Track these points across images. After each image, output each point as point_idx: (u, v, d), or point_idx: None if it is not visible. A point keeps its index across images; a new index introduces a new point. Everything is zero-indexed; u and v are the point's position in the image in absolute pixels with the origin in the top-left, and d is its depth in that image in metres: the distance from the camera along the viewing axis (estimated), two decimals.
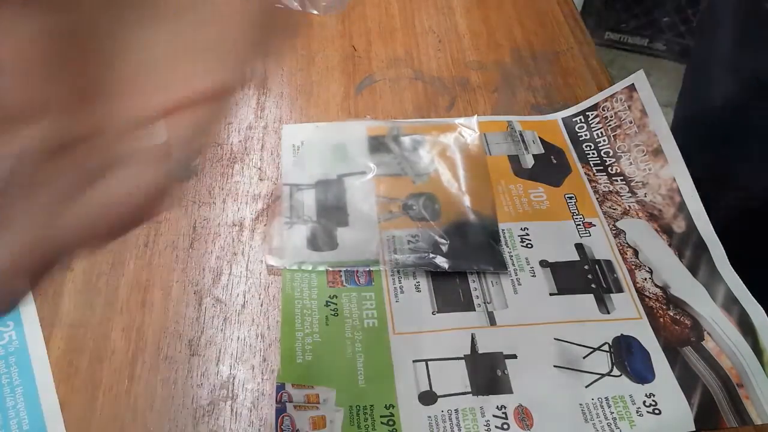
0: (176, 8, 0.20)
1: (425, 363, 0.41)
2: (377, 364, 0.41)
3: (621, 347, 0.43)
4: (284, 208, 0.49)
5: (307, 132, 0.54)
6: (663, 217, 0.49)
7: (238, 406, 0.39)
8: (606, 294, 0.45)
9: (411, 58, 0.63)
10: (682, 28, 1.92)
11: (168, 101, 0.19)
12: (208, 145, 0.52)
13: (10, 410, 0.38)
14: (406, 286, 0.45)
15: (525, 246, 0.48)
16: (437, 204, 0.50)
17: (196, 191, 0.50)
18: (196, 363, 0.41)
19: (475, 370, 0.41)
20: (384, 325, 0.43)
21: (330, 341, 0.42)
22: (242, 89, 0.21)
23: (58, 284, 0.44)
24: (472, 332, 0.43)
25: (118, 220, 0.20)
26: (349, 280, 0.45)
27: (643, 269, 0.47)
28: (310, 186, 0.51)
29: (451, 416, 0.39)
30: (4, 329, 0.41)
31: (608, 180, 0.52)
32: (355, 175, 0.51)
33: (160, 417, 0.39)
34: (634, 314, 0.44)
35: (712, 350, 0.43)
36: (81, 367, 0.40)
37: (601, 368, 0.42)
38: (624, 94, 0.55)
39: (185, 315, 0.43)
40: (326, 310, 0.44)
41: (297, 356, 0.41)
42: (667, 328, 0.44)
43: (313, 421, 0.39)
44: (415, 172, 0.52)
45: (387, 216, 0.49)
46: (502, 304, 0.45)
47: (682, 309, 0.45)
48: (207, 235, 0.47)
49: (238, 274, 0.45)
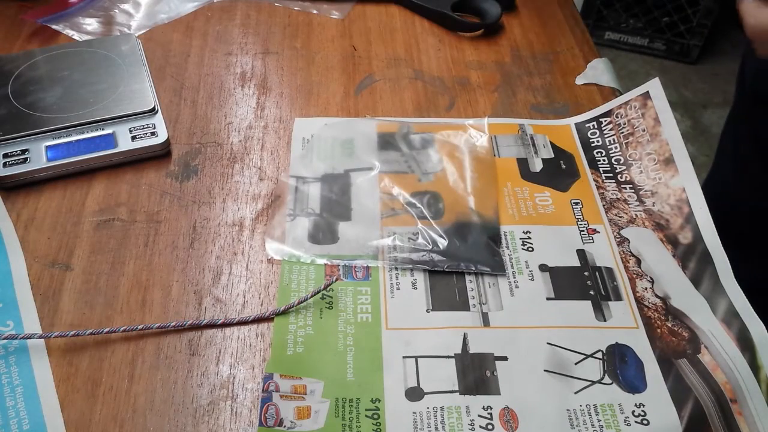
0: None
1: (415, 359, 0.42)
2: (367, 358, 0.42)
3: (614, 355, 0.42)
4: (288, 200, 0.49)
5: (318, 126, 0.55)
6: (669, 227, 0.49)
7: (238, 405, 0.39)
8: (604, 301, 0.45)
9: (411, 58, 0.63)
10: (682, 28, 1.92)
11: None
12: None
13: (10, 410, 0.38)
14: (402, 282, 0.45)
15: (526, 249, 0.47)
16: (441, 203, 0.50)
17: (196, 191, 0.50)
18: (196, 363, 0.41)
19: (464, 370, 0.41)
20: (377, 320, 0.43)
21: (322, 334, 0.43)
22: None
23: (58, 284, 0.44)
24: (464, 332, 0.43)
25: None
26: (347, 274, 0.46)
27: (645, 279, 0.46)
28: (316, 179, 0.51)
29: (436, 413, 0.39)
30: (4, 329, 0.41)
31: (617, 187, 0.52)
32: (361, 171, 0.52)
33: (160, 417, 0.39)
34: (631, 323, 0.44)
35: (708, 364, 0.42)
36: (81, 366, 0.40)
37: (593, 375, 0.41)
38: (638, 101, 0.54)
39: (185, 315, 0.43)
40: (321, 303, 0.44)
41: (288, 348, 0.42)
42: (663, 338, 0.43)
43: (298, 411, 0.39)
44: (421, 170, 0.52)
45: (389, 212, 0.49)
46: (498, 305, 0.44)
47: (681, 321, 0.44)
48: (207, 234, 0.47)
49: (238, 274, 0.45)
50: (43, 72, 0.55)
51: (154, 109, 0.53)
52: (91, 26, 0.64)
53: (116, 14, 0.65)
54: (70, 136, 0.51)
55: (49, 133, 0.51)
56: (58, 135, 0.51)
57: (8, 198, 0.49)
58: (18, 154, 0.49)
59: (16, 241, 0.46)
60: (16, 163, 0.49)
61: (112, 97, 0.53)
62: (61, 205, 0.49)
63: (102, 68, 0.56)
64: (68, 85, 0.54)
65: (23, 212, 0.48)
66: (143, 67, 0.57)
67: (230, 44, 0.63)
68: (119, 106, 0.53)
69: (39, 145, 0.50)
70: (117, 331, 0.42)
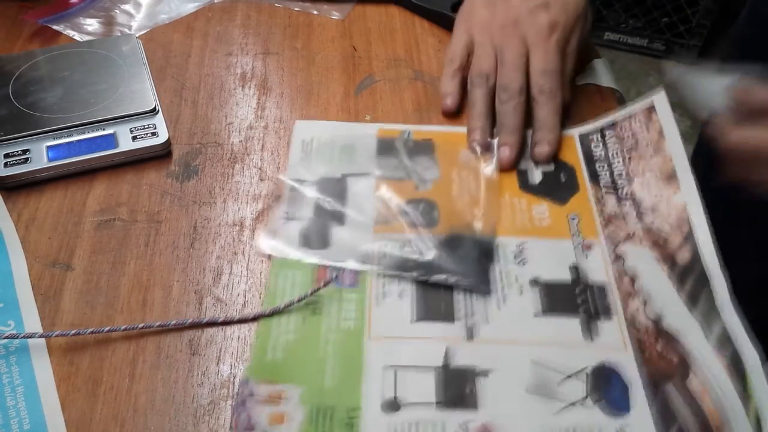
0: None
1: (394, 370, 0.41)
2: (347, 367, 0.41)
3: (599, 376, 0.41)
4: (284, 202, 0.49)
5: (318, 129, 0.55)
6: (667, 246, 0.46)
7: None
8: (594, 320, 0.44)
9: (411, 58, 0.63)
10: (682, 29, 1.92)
11: None
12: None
13: (10, 409, 0.38)
14: (389, 291, 0.45)
15: (518, 263, 0.46)
16: (435, 212, 0.49)
17: (197, 191, 0.50)
18: (197, 362, 0.41)
19: (444, 383, 0.40)
20: (361, 328, 0.43)
21: (304, 339, 0.42)
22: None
23: (59, 284, 0.44)
24: (447, 344, 0.42)
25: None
26: (335, 280, 0.45)
27: (638, 298, 0.45)
28: (313, 183, 0.51)
29: (411, 427, 0.39)
30: (4, 329, 0.42)
31: (617, 202, 0.50)
32: (359, 176, 0.52)
33: (160, 416, 0.39)
34: (620, 344, 0.43)
35: (696, 390, 0.40)
36: (82, 366, 0.40)
37: (575, 396, 0.40)
38: (643, 114, 0.52)
39: (186, 314, 0.43)
40: (306, 308, 0.44)
41: (268, 353, 0.42)
42: (652, 361, 0.42)
43: (271, 417, 0.39)
44: (420, 178, 0.52)
45: (383, 219, 0.49)
46: (484, 318, 0.44)
47: (672, 343, 0.43)
48: (207, 234, 0.47)
49: (238, 274, 0.45)
50: (43, 72, 0.55)
51: (155, 110, 0.53)
52: (92, 27, 0.64)
53: (117, 15, 0.65)
54: (71, 137, 0.51)
55: (50, 133, 0.51)
56: (59, 135, 0.51)
57: (9, 198, 0.49)
58: (19, 155, 0.49)
59: (17, 241, 0.46)
60: (17, 163, 0.49)
61: (113, 97, 0.53)
62: (62, 205, 0.49)
63: (103, 68, 0.56)
64: (69, 85, 0.54)
65: (24, 212, 0.48)
66: (144, 68, 0.57)
67: (231, 45, 0.63)
68: (120, 106, 0.53)
69: (40, 146, 0.50)
70: (118, 330, 0.42)
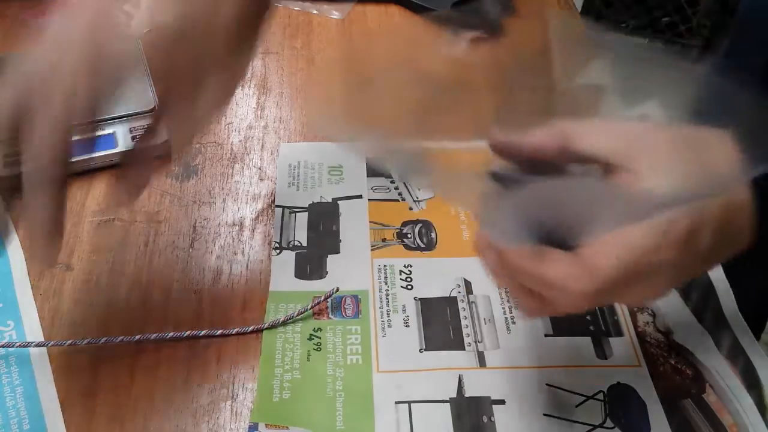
0: None
1: (408, 405, 0.40)
2: (358, 404, 0.40)
3: (617, 396, 0.40)
4: (274, 233, 0.48)
5: (304, 151, 0.53)
6: None
7: (238, 405, 0.40)
8: (604, 337, 0.43)
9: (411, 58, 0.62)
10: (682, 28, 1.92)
11: None
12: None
13: (10, 410, 0.38)
14: (394, 320, 0.44)
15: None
16: (433, 233, 0.48)
17: (196, 191, 0.50)
18: (197, 363, 0.41)
19: (460, 415, 0.39)
20: (368, 362, 0.42)
21: (310, 378, 0.41)
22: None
23: (58, 284, 0.44)
24: (459, 373, 0.41)
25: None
26: (335, 312, 0.44)
27: (646, 312, 0.44)
28: (303, 209, 0.49)
29: None
30: (4, 329, 0.42)
31: None
32: (350, 199, 0.50)
33: (160, 416, 0.39)
34: (633, 361, 0.42)
35: (714, 404, 0.40)
36: (81, 366, 0.40)
37: (594, 419, 0.40)
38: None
39: (185, 315, 0.43)
40: (309, 344, 0.42)
41: (274, 394, 0.40)
42: (667, 377, 0.41)
43: None
44: (413, 197, 0.50)
45: (380, 243, 0.48)
46: (494, 344, 0.43)
47: (685, 357, 0.42)
48: (207, 234, 0.47)
49: (238, 274, 0.45)
50: None
51: (155, 109, 0.53)
52: None
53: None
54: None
55: None
56: None
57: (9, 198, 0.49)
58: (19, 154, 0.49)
59: (17, 241, 0.46)
60: (17, 163, 0.49)
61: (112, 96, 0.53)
62: None
63: None
64: None
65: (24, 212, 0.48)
66: (143, 67, 0.56)
67: None
68: (119, 105, 0.53)
69: None
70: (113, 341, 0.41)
